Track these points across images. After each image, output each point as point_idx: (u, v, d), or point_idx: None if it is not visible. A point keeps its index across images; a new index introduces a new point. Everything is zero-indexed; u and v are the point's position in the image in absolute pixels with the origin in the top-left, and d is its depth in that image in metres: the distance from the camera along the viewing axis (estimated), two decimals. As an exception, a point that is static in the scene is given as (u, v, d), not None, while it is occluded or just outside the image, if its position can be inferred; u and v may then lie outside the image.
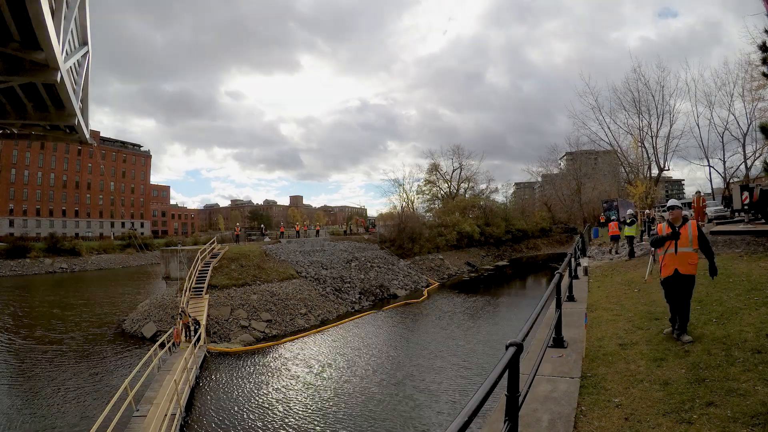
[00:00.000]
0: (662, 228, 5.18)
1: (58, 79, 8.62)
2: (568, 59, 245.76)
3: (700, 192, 18.24)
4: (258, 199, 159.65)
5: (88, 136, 13.96)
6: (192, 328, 15.16)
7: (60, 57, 8.09)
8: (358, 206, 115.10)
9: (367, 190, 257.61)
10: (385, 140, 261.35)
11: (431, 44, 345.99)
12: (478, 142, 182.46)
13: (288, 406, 10.85)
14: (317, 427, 9.72)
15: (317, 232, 42.22)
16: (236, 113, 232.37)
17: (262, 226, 52.91)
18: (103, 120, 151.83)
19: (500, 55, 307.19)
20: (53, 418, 10.10)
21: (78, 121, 12.18)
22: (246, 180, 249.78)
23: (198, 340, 14.64)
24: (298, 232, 39.30)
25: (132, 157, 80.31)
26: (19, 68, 8.12)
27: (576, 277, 10.55)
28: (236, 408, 10.71)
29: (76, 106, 11.36)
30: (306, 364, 14.10)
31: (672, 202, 5.40)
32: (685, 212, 5.24)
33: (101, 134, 75.67)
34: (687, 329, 4.99)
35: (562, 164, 56.84)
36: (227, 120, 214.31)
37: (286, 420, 10.09)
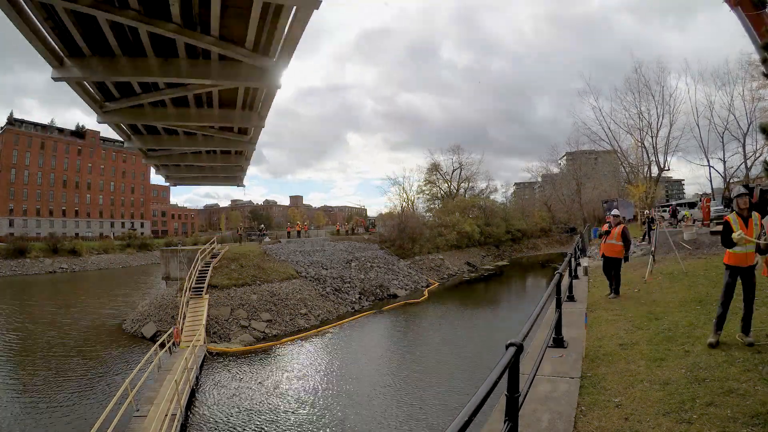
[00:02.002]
0: (605, 227, 8.59)
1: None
2: (535, 17, 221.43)
3: (707, 194, 18.51)
4: (237, 197, 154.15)
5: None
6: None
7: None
8: (358, 206, 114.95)
9: (359, 189, 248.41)
10: (344, 132, 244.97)
11: (374, 18, 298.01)
12: (454, 133, 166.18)
13: (288, 406, 10.86)
14: (317, 427, 9.73)
15: (317, 231, 42.22)
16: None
17: (262, 225, 52.89)
18: (32, 113, 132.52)
19: (456, 27, 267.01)
20: (53, 418, 10.10)
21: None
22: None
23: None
24: (299, 232, 39.23)
25: (132, 157, 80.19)
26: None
27: (576, 277, 10.55)
28: (236, 408, 10.72)
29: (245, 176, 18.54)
30: (306, 364, 14.11)
31: (614, 212, 8.49)
32: (620, 216, 8.46)
33: (101, 134, 75.69)
34: (619, 292, 8.05)
35: (562, 164, 56.88)
36: None
37: (286, 420, 10.10)
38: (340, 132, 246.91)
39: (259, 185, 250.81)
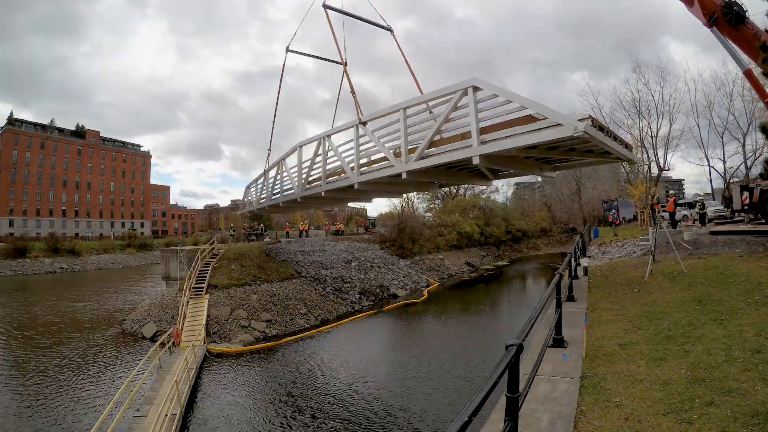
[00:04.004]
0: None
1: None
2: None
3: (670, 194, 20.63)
4: (237, 196, 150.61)
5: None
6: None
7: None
8: (359, 206, 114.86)
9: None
10: (299, 122, 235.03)
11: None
12: None
13: (288, 406, 10.85)
14: (317, 428, 9.72)
15: (307, 232, 41.71)
16: (75, 88, 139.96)
17: (262, 226, 52.84)
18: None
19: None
20: (53, 419, 10.09)
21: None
22: (196, 176, 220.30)
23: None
24: (301, 232, 39.09)
25: (132, 157, 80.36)
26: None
27: (576, 277, 10.55)
28: (237, 408, 10.72)
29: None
30: (306, 365, 14.10)
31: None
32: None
33: (101, 134, 75.72)
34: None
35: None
36: (81, 100, 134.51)
37: (287, 420, 10.10)
38: (294, 122, 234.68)
39: (241, 186, 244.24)
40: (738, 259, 9.72)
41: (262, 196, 23.14)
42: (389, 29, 20.01)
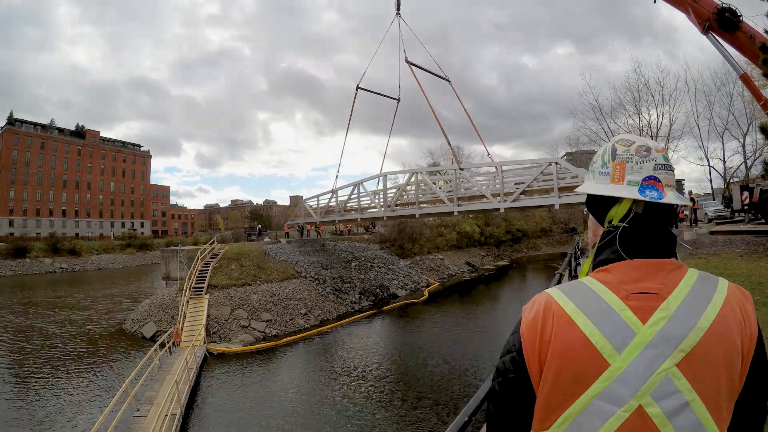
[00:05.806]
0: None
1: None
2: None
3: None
4: (237, 196, 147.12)
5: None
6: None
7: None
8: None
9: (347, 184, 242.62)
10: (251, 113, 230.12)
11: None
12: (383, 109, 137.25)
13: (287, 406, 10.86)
14: (317, 428, 9.73)
15: (308, 231, 41.42)
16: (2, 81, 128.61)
17: (260, 226, 52.74)
18: None
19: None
20: (53, 419, 10.10)
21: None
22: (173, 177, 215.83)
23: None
24: (301, 231, 38.91)
25: (132, 157, 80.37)
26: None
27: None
28: (236, 408, 10.72)
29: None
30: (305, 365, 14.12)
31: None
32: None
33: (101, 134, 75.75)
34: None
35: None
36: (10, 93, 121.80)
37: (287, 420, 10.10)
38: (242, 112, 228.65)
39: (222, 184, 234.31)
40: (738, 259, 9.73)
41: (331, 205, 26.64)
42: (448, 80, 22.17)
